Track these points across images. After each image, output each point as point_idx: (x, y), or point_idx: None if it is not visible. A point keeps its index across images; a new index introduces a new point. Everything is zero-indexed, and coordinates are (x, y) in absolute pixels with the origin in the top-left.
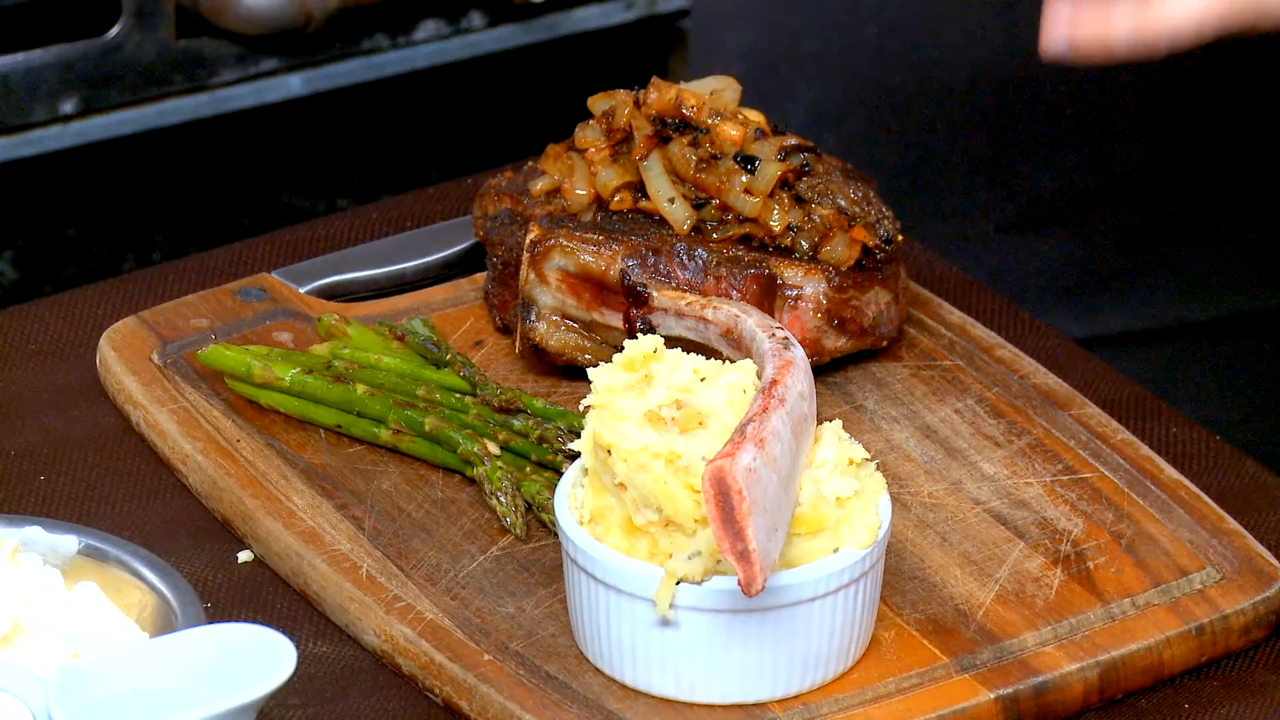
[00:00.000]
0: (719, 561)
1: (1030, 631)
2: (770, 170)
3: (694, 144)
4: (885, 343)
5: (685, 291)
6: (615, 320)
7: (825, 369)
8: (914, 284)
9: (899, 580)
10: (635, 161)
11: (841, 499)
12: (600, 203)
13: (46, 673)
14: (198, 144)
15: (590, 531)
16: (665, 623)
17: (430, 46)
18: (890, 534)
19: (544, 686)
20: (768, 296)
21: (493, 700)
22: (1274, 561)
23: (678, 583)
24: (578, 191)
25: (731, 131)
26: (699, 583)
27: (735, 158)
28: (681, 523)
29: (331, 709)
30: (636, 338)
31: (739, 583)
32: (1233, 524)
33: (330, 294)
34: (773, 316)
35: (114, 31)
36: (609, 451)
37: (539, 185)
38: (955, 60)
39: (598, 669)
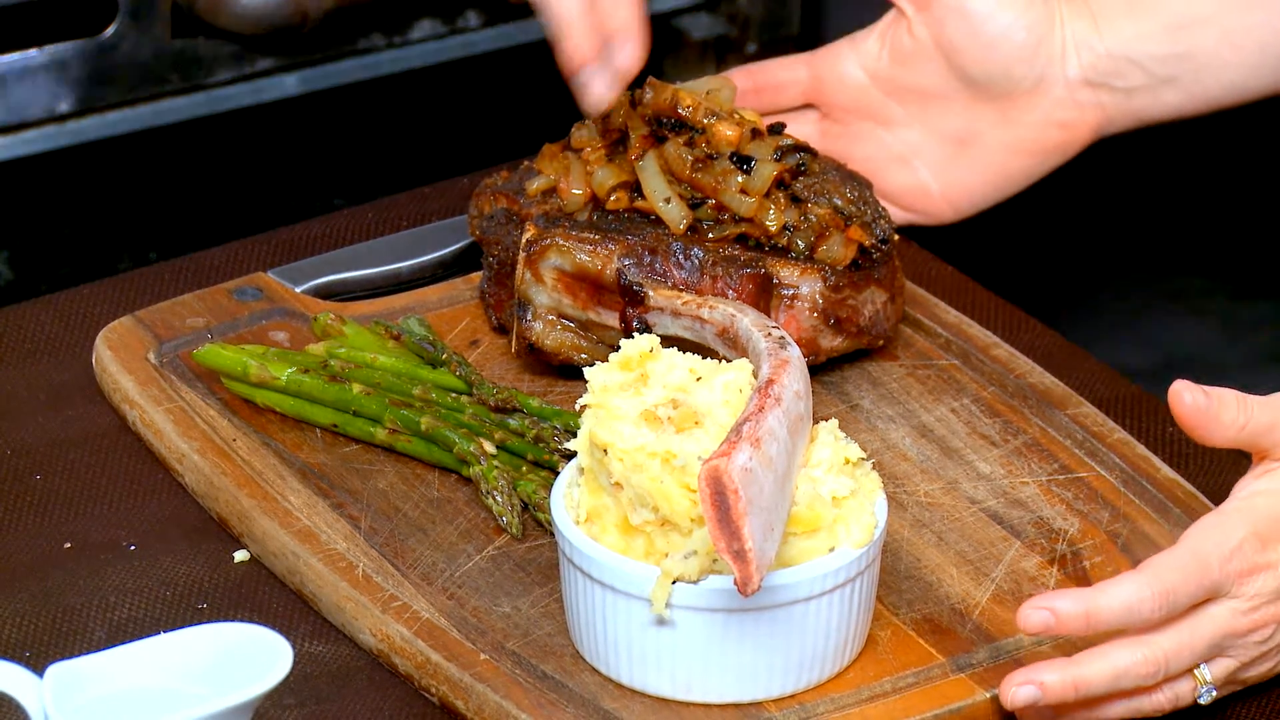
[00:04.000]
0: (715, 561)
1: None
2: (766, 170)
3: (690, 144)
4: (881, 342)
5: (681, 291)
6: (611, 319)
7: (821, 368)
8: (910, 283)
9: (895, 579)
10: (631, 161)
11: (837, 498)
12: (596, 202)
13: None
14: (193, 143)
15: (586, 531)
16: (661, 622)
17: (426, 46)
18: (886, 533)
19: (540, 686)
20: (764, 296)
21: (489, 700)
22: None
23: (674, 582)
24: (574, 191)
25: (727, 131)
26: (695, 582)
27: (731, 157)
28: (677, 522)
29: (327, 708)
30: (633, 337)
31: (735, 582)
32: None
33: (326, 293)
34: (769, 316)
35: (110, 31)
36: (605, 451)
37: (535, 185)
38: None
39: (594, 668)
